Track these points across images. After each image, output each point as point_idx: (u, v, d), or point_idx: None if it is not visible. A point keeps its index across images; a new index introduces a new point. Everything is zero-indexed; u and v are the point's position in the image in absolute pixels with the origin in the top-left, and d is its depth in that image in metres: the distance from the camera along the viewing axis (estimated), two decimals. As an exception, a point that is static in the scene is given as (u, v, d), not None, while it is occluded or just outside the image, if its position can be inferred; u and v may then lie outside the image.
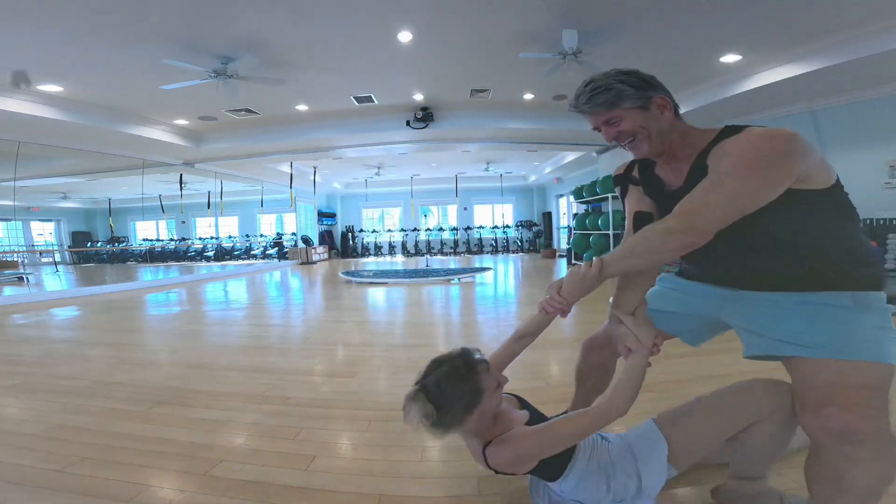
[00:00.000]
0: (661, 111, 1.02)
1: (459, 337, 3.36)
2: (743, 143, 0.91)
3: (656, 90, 1.02)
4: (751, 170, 0.87)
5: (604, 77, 1.04)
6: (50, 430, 1.78)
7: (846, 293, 0.91)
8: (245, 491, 1.32)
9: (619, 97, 1.01)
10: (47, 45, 3.82)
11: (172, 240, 15.46)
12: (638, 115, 1.02)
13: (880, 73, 4.26)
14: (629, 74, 1.03)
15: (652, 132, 1.03)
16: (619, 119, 1.03)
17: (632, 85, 1.01)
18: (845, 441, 0.88)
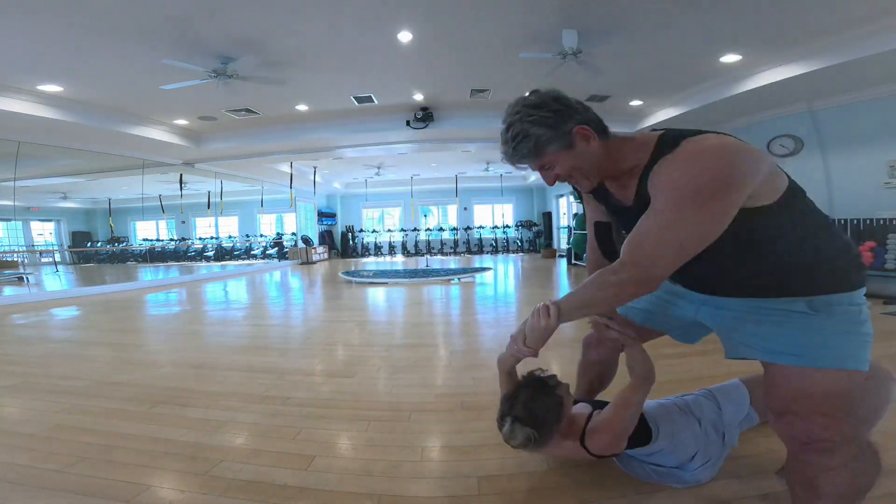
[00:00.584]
0: (587, 142, 0.95)
1: (459, 337, 3.36)
2: (680, 172, 0.83)
3: (572, 119, 0.94)
4: (695, 206, 0.80)
5: (518, 120, 0.95)
6: (50, 430, 1.78)
7: (801, 299, 0.89)
8: (245, 491, 1.32)
9: (540, 143, 0.94)
10: (47, 45, 3.82)
11: (172, 240, 15.45)
12: (566, 156, 0.96)
13: (880, 73, 4.25)
14: (539, 108, 0.94)
15: (585, 168, 0.98)
16: (551, 164, 0.98)
17: (546, 124, 0.93)
18: (810, 449, 0.87)
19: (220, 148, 7.59)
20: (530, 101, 0.96)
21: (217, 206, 11.41)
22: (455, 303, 4.97)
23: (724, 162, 0.80)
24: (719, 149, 0.82)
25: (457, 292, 5.71)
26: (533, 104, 0.95)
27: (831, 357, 0.87)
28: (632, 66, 4.80)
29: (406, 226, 15.97)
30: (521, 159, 0.98)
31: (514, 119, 0.95)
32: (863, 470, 0.89)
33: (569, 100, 0.97)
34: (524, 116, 0.94)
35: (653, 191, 0.88)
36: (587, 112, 0.97)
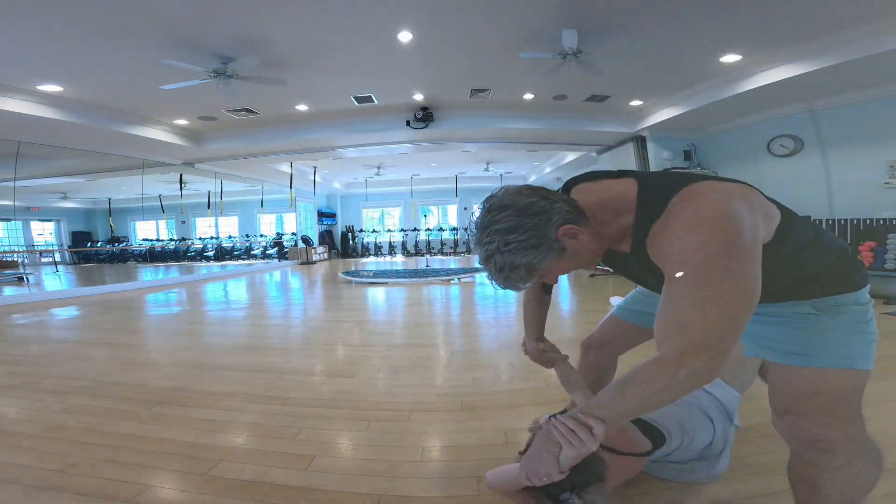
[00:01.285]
0: (576, 239, 0.84)
1: (459, 337, 3.36)
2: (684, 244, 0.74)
3: (551, 224, 0.82)
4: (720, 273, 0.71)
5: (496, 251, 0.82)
6: (50, 430, 1.78)
7: (805, 302, 0.89)
8: (245, 491, 1.32)
9: (532, 267, 0.83)
10: (47, 45, 3.82)
11: (172, 240, 15.45)
12: (561, 261, 0.86)
13: (880, 73, 4.25)
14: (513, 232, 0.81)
15: (583, 261, 0.90)
16: (547, 273, 0.88)
17: (529, 247, 0.81)
18: (813, 448, 0.86)
19: (220, 148, 7.59)
20: (501, 227, 0.82)
21: (217, 206, 11.41)
22: (455, 303, 4.97)
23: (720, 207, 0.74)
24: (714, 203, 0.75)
25: (457, 292, 5.71)
26: (506, 230, 0.82)
27: (839, 357, 0.86)
28: (632, 66, 4.80)
29: (406, 226, 15.97)
30: (518, 284, 0.87)
31: (492, 250, 0.83)
32: (865, 469, 0.88)
33: (539, 201, 0.83)
34: (501, 247, 0.82)
35: (661, 260, 0.80)
36: (561, 203, 0.84)
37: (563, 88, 5.61)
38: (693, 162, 7.04)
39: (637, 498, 1.26)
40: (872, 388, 2.01)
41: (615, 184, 0.91)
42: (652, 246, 0.82)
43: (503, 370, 2.43)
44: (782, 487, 1.24)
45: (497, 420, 1.77)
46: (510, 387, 2.17)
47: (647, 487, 1.29)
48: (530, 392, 2.07)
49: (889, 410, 1.77)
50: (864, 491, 0.89)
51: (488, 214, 0.85)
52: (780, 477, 1.29)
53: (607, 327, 1.42)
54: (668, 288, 0.77)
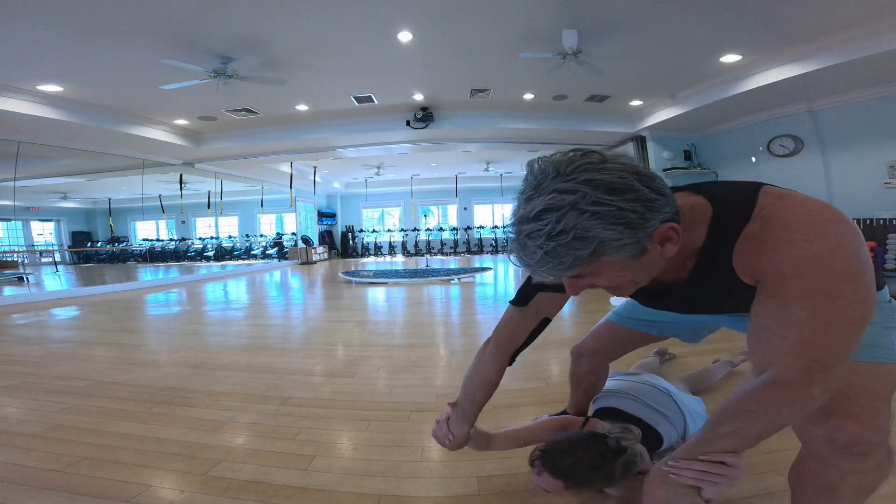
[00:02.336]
0: (662, 246, 0.66)
1: (459, 337, 3.36)
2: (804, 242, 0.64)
3: (660, 213, 0.63)
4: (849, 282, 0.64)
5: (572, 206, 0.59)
6: (50, 430, 1.78)
7: None
8: (245, 491, 1.32)
9: (602, 250, 0.61)
10: (47, 45, 3.82)
11: (172, 240, 15.45)
12: (627, 264, 0.65)
13: (880, 73, 4.26)
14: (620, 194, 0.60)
15: (641, 279, 0.72)
16: (597, 274, 0.67)
17: (626, 222, 0.60)
18: (850, 453, 0.75)
19: (220, 148, 7.59)
20: (604, 178, 0.59)
21: (217, 206, 11.42)
22: (455, 303, 4.97)
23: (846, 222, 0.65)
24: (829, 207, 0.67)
25: (457, 292, 5.71)
26: (609, 185, 0.59)
27: (884, 351, 0.78)
28: (632, 66, 4.80)
29: (406, 226, 15.97)
30: (551, 269, 0.63)
31: (565, 201, 0.59)
32: (883, 474, 0.81)
33: (654, 176, 0.65)
34: (585, 202, 0.58)
35: (760, 273, 0.69)
36: (669, 195, 0.66)
37: (563, 88, 5.62)
38: (693, 162, 7.05)
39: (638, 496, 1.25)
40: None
41: (687, 199, 0.76)
42: (744, 255, 0.70)
43: (503, 370, 2.43)
44: (781, 488, 1.24)
45: (497, 420, 1.77)
46: (510, 387, 2.17)
47: (646, 487, 1.29)
48: (530, 392, 2.07)
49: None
50: (872, 491, 0.83)
51: (582, 156, 0.63)
52: (779, 477, 1.29)
53: (602, 334, 1.37)
54: (773, 301, 0.67)
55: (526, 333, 1.06)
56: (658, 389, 1.39)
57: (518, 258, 0.65)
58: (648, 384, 1.41)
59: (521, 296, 1.04)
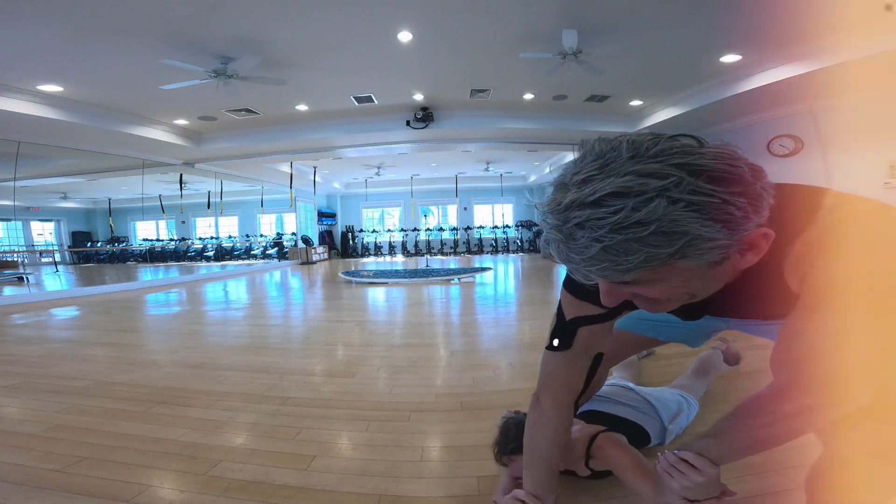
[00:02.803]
0: (744, 254, 0.55)
1: (459, 337, 3.36)
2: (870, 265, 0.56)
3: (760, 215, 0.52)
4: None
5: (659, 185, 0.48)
6: (49, 430, 1.78)
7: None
8: (245, 491, 1.32)
9: (687, 252, 0.50)
10: (47, 45, 3.82)
11: (172, 240, 15.45)
12: (697, 273, 0.55)
13: (880, 73, 4.26)
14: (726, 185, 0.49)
15: (700, 294, 0.61)
16: (654, 282, 0.56)
17: (727, 221, 0.49)
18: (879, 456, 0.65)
19: (220, 148, 7.59)
20: (705, 165, 0.49)
21: (217, 206, 11.42)
22: (455, 303, 4.97)
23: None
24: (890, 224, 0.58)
25: (457, 292, 5.71)
26: (714, 173, 0.49)
27: None
28: (632, 66, 4.80)
29: (406, 226, 15.97)
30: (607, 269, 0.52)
31: (649, 186, 0.48)
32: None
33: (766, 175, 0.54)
34: (682, 189, 0.48)
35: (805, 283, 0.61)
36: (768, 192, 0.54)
37: (563, 88, 5.62)
38: (693, 162, 7.05)
39: (638, 497, 1.25)
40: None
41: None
42: (801, 261, 0.61)
43: (503, 370, 2.43)
44: (781, 488, 1.25)
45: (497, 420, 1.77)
46: (510, 387, 2.17)
47: (646, 487, 1.29)
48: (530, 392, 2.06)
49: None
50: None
51: (670, 140, 0.52)
52: (779, 477, 1.29)
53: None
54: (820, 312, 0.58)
55: (582, 377, 0.91)
56: (621, 386, 1.47)
57: (558, 251, 0.53)
58: (614, 385, 1.49)
59: (562, 338, 0.88)
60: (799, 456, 1.42)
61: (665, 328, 1.25)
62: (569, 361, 0.88)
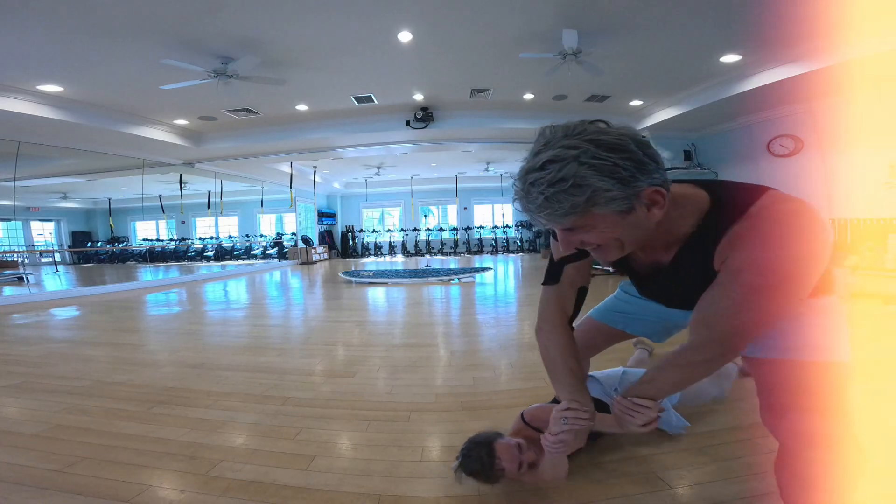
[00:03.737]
0: (648, 209, 0.74)
1: (459, 337, 3.36)
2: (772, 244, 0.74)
3: (649, 175, 0.71)
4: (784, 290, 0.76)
5: (575, 158, 0.68)
6: (50, 430, 1.78)
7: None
8: (245, 491, 1.32)
9: (595, 200, 0.69)
10: (47, 45, 3.82)
11: (172, 240, 15.46)
12: (615, 222, 0.73)
13: (880, 73, 4.25)
14: (616, 152, 0.69)
15: (627, 241, 0.79)
16: (588, 227, 0.74)
17: (618, 177, 0.68)
18: (815, 446, 0.83)
19: (220, 148, 7.60)
20: (604, 139, 0.69)
21: (217, 206, 11.42)
22: (455, 303, 4.97)
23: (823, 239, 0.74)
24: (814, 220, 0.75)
25: (457, 292, 5.71)
26: (608, 144, 0.69)
27: (831, 350, 0.87)
28: (632, 66, 4.80)
29: (406, 226, 15.97)
30: (550, 214, 0.71)
31: (567, 154, 0.68)
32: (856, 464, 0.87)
33: (650, 145, 0.73)
34: (584, 156, 0.68)
35: (726, 262, 0.79)
36: (661, 165, 0.74)
37: (563, 88, 5.62)
38: (693, 162, 7.05)
39: (638, 497, 1.26)
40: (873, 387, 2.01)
41: (690, 190, 0.85)
42: (723, 249, 0.79)
43: (503, 370, 2.43)
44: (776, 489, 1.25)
45: (497, 420, 1.77)
46: (510, 387, 2.17)
47: (647, 487, 1.30)
48: (530, 392, 2.07)
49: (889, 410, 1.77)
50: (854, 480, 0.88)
51: (589, 124, 0.72)
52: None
53: (586, 329, 1.46)
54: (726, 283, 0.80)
55: (571, 304, 1.11)
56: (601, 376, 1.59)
57: (522, 204, 0.73)
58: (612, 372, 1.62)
59: (551, 275, 1.11)
60: (799, 456, 1.42)
61: (633, 322, 1.36)
62: (560, 293, 1.11)
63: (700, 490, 1.27)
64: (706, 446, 1.49)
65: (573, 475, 1.38)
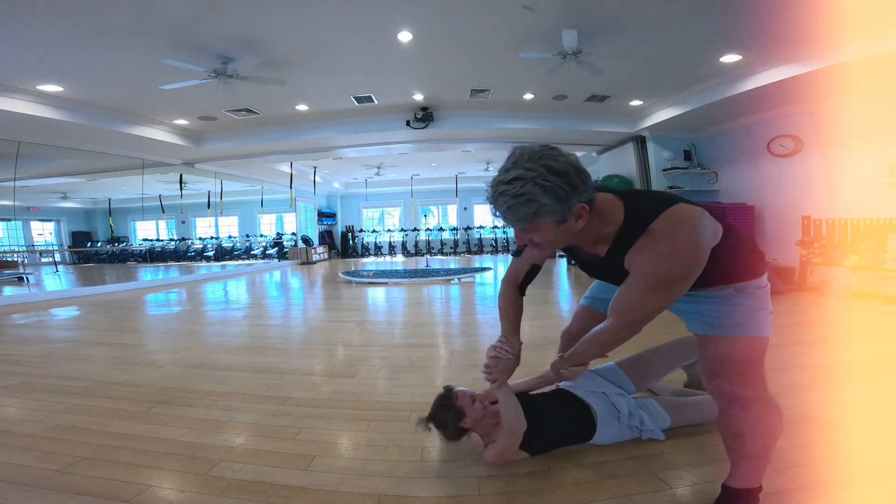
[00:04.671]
0: (577, 220, 0.98)
1: (459, 337, 3.36)
2: (658, 264, 0.99)
3: (579, 196, 0.95)
4: (669, 288, 1.01)
5: (532, 179, 0.91)
6: (50, 430, 1.78)
7: (728, 286, 1.13)
8: (245, 491, 1.32)
9: (540, 213, 0.94)
10: (48, 45, 3.82)
11: (172, 240, 15.45)
12: (552, 229, 0.98)
13: (880, 73, 4.25)
14: (559, 176, 0.92)
15: (557, 244, 1.07)
16: (534, 230, 1.00)
17: (557, 196, 0.92)
18: (734, 405, 1.09)
19: (220, 148, 7.59)
20: (552, 165, 0.92)
21: (217, 206, 11.42)
22: (455, 303, 4.97)
23: (693, 256, 0.98)
24: (689, 240, 0.98)
25: (457, 292, 5.71)
26: (554, 170, 0.91)
27: (751, 327, 1.11)
28: (632, 66, 4.80)
29: (406, 226, 15.96)
30: (510, 218, 0.97)
31: (528, 175, 0.91)
32: (773, 420, 1.11)
33: (585, 172, 0.97)
34: (539, 178, 0.91)
35: (631, 266, 1.05)
36: (589, 186, 0.98)
37: (563, 88, 5.61)
38: (693, 162, 7.05)
39: (638, 497, 1.26)
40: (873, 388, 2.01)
41: (604, 196, 1.07)
42: (632, 258, 1.04)
43: (503, 370, 2.43)
44: (781, 488, 1.25)
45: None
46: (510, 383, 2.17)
47: (647, 487, 1.30)
48: (530, 392, 2.06)
49: (889, 410, 1.77)
50: (776, 437, 1.12)
51: (549, 150, 0.96)
52: (779, 476, 1.29)
53: (579, 315, 1.66)
54: (631, 283, 1.06)
55: (524, 273, 1.47)
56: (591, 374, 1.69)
57: (491, 208, 0.98)
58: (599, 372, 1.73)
59: (517, 252, 1.47)
60: (800, 457, 1.43)
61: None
62: (518, 264, 1.47)
63: (700, 490, 1.27)
64: (706, 446, 1.49)
65: (571, 475, 1.38)
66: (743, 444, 1.11)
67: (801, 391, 1.99)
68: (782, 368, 2.31)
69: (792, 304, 4.31)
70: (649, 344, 1.80)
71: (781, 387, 2.05)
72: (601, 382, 1.64)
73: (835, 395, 1.94)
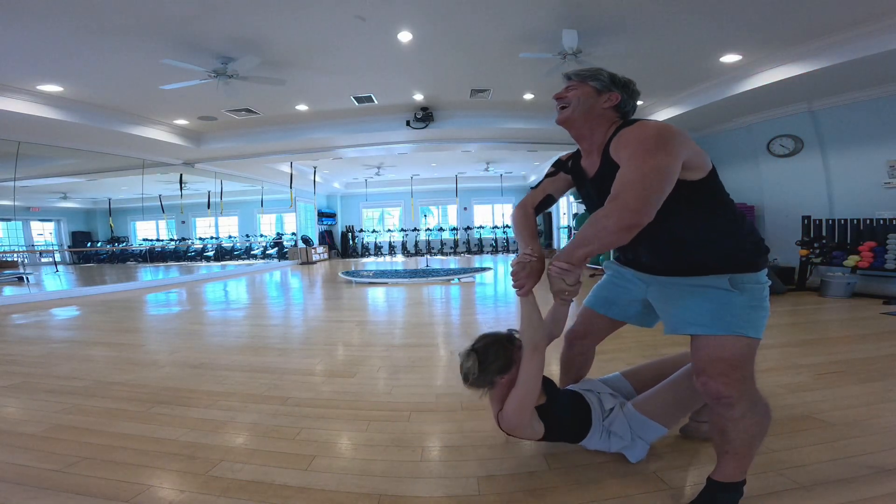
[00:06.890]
0: (606, 100, 1.23)
1: (459, 337, 3.36)
2: (638, 134, 1.09)
3: (620, 92, 1.24)
4: (653, 152, 1.04)
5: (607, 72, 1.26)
6: (50, 430, 1.78)
7: (724, 276, 1.13)
8: (245, 491, 1.32)
9: (596, 76, 1.23)
10: (47, 45, 3.82)
11: (172, 240, 15.46)
12: (590, 94, 1.23)
13: (880, 73, 4.25)
14: (619, 80, 1.26)
15: (577, 109, 1.24)
16: (578, 86, 1.25)
17: (612, 80, 1.24)
18: (719, 403, 1.10)
19: (220, 148, 7.59)
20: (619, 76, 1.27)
21: (217, 206, 11.43)
22: (455, 303, 4.97)
23: (665, 125, 1.10)
24: (663, 123, 1.11)
25: (457, 292, 5.71)
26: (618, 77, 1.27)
27: (740, 327, 1.10)
28: (632, 66, 4.79)
29: (406, 226, 15.97)
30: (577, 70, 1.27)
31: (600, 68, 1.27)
32: (758, 419, 1.12)
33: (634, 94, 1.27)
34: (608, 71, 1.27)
35: (617, 153, 1.12)
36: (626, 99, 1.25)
37: (563, 88, 5.61)
38: (693, 162, 7.04)
39: (638, 497, 1.26)
40: (873, 388, 2.01)
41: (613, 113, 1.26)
42: (616, 143, 1.14)
43: (503, 370, 2.43)
44: (781, 487, 1.25)
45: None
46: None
47: (647, 487, 1.30)
48: (530, 392, 2.06)
49: (889, 410, 1.78)
50: (760, 436, 1.14)
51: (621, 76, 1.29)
52: (780, 477, 1.29)
53: (583, 315, 1.63)
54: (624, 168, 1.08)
55: (539, 199, 1.50)
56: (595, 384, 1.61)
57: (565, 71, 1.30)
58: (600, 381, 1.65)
59: (537, 185, 1.53)
60: (799, 457, 1.43)
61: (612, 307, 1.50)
62: (535, 192, 1.52)
63: (700, 490, 1.27)
64: (706, 446, 1.49)
65: (571, 475, 1.38)
66: (727, 441, 1.13)
67: (801, 391, 1.99)
68: (782, 368, 2.31)
69: (792, 304, 4.31)
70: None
71: (781, 387, 2.05)
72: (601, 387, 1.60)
73: (834, 395, 1.94)
